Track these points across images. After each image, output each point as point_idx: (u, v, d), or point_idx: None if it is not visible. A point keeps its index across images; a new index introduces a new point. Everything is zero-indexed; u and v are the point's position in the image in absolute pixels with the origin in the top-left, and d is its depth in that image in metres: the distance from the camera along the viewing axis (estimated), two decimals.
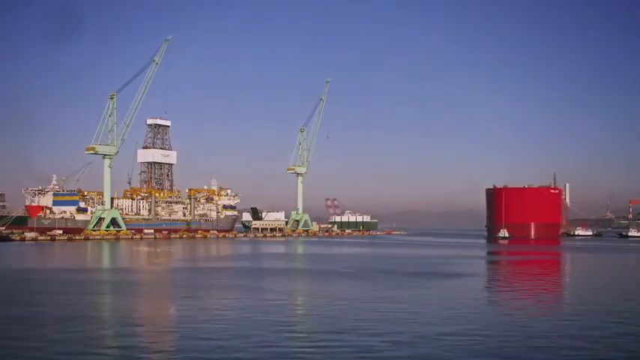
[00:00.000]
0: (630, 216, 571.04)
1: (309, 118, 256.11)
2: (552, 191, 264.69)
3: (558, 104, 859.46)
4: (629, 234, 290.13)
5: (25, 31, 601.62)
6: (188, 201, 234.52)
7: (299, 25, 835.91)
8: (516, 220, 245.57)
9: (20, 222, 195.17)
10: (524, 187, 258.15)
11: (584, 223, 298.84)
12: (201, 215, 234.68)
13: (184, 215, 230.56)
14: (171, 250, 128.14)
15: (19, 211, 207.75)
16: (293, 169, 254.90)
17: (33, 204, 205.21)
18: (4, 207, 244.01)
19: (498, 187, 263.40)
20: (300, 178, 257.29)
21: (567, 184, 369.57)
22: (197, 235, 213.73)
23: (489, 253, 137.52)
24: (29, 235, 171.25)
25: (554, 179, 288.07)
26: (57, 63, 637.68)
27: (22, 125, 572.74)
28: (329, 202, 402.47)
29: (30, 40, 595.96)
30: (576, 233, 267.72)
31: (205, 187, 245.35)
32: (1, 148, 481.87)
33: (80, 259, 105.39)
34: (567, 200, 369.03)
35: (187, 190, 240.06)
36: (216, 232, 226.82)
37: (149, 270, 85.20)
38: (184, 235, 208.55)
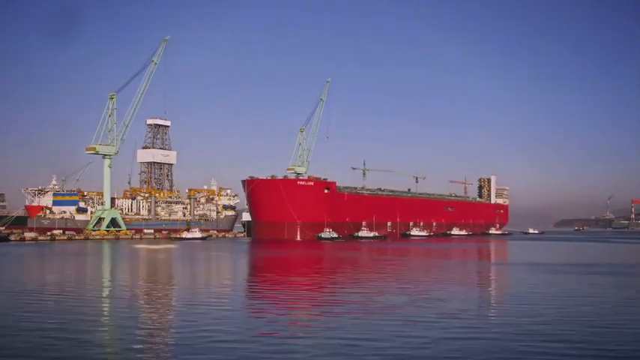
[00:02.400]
0: (632, 216, 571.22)
1: (308, 118, 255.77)
2: (303, 183, 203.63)
3: (557, 100, 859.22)
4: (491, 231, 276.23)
5: (25, 30, 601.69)
6: (188, 201, 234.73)
7: (300, 24, 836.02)
8: (270, 218, 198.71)
9: (20, 222, 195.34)
10: (267, 179, 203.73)
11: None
12: (201, 215, 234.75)
13: (184, 215, 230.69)
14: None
15: (19, 211, 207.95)
16: (293, 169, 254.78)
17: (33, 204, 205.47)
18: (4, 207, 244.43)
19: (254, 177, 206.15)
20: None
21: (493, 177, 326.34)
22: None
23: None
24: (29, 235, 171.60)
25: (364, 166, 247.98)
26: (56, 62, 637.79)
27: (21, 125, 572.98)
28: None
29: (29, 39, 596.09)
30: (360, 235, 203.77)
31: (205, 187, 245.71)
32: (2, 148, 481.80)
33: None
34: (493, 195, 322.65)
35: (187, 190, 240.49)
36: (216, 231, 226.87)
37: None
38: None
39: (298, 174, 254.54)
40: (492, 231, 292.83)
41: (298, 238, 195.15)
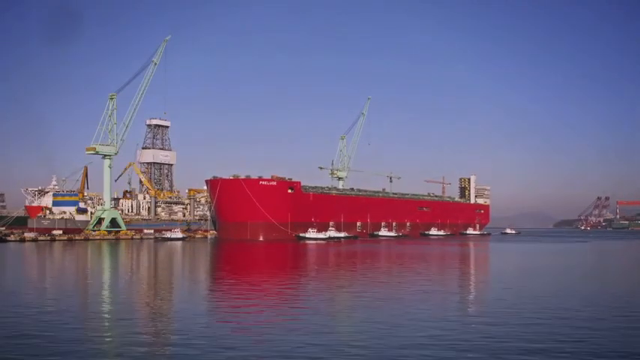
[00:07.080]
0: (617, 216, 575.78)
1: (350, 128, 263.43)
2: (265, 182, 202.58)
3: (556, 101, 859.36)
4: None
5: (24, 31, 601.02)
6: (188, 201, 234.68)
7: (298, 23, 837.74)
8: (233, 218, 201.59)
9: (20, 222, 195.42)
10: (230, 178, 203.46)
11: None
12: (201, 216, 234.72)
13: (184, 216, 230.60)
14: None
15: (19, 212, 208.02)
16: (336, 174, 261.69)
17: (33, 204, 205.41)
18: (4, 207, 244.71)
19: (218, 177, 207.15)
20: (341, 183, 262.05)
21: (472, 177, 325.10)
22: (197, 236, 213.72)
23: None
24: (29, 235, 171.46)
25: (332, 165, 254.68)
26: (56, 62, 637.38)
27: (21, 125, 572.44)
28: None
29: (29, 40, 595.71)
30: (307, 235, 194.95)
31: (205, 188, 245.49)
32: (2, 148, 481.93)
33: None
34: (472, 195, 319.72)
35: (187, 191, 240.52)
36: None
37: None
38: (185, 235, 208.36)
39: (340, 178, 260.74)
40: (470, 231, 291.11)
41: (261, 239, 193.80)
